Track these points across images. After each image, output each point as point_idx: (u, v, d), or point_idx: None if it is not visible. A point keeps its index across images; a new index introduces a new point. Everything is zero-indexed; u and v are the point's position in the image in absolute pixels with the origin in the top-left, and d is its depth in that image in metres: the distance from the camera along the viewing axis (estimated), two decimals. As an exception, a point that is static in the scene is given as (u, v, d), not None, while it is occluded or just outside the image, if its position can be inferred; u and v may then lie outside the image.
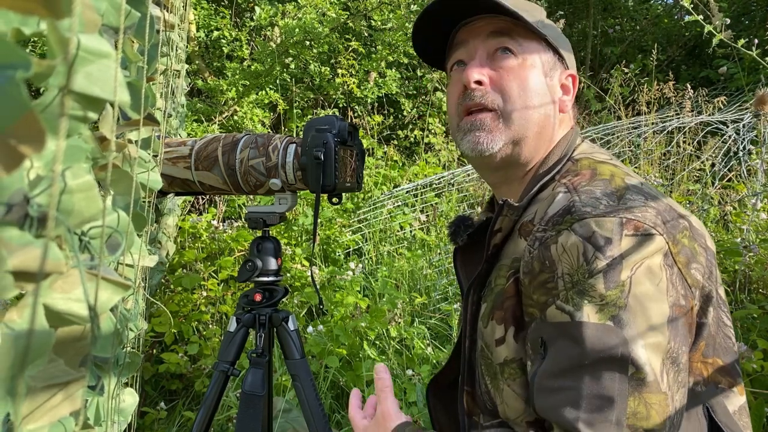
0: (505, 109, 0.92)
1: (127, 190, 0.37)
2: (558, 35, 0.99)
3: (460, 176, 3.96)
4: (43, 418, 0.27)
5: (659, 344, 0.74)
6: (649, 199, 0.81)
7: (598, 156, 0.94)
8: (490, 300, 0.93)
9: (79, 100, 0.24)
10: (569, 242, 0.78)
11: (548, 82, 0.95)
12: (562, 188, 0.86)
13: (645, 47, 6.46)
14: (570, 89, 0.99)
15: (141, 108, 0.33)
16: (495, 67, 0.94)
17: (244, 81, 5.06)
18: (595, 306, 0.75)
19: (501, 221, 0.92)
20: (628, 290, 0.74)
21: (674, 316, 0.75)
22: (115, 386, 0.47)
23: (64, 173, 0.25)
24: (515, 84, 0.92)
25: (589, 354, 0.74)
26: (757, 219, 2.54)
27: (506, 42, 0.94)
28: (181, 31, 1.32)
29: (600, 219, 0.77)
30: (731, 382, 0.85)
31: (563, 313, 0.78)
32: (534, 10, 0.97)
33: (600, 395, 0.74)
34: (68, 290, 0.28)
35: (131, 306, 0.64)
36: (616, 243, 0.75)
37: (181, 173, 1.25)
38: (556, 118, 0.97)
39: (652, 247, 0.75)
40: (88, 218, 0.27)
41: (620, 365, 0.73)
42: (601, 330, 0.74)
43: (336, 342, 2.37)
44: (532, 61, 0.94)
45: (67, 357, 0.29)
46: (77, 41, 0.23)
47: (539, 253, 0.81)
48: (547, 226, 0.82)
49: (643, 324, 0.74)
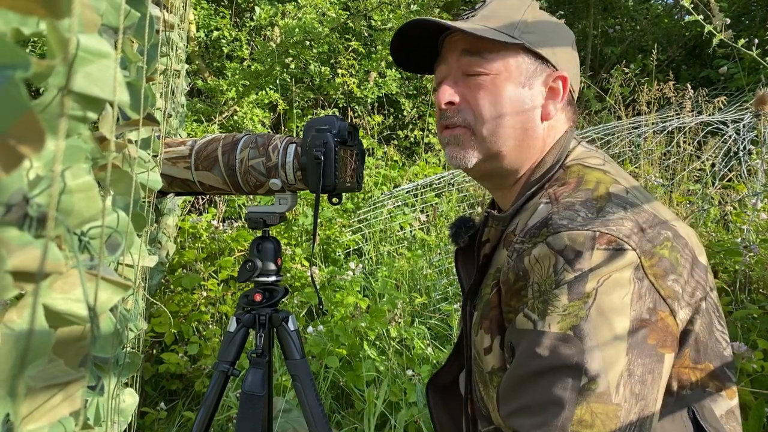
0: (476, 126, 0.93)
1: (126, 190, 0.37)
2: (545, 35, 0.94)
3: (460, 176, 3.95)
4: (42, 418, 0.27)
5: (616, 357, 0.74)
6: (630, 210, 0.81)
7: (590, 161, 0.93)
8: (479, 309, 0.94)
9: (79, 100, 0.24)
10: (542, 254, 0.79)
11: (526, 92, 0.92)
12: (545, 198, 0.87)
13: (645, 47, 6.45)
14: (559, 91, 0.95)
15: (141, 108, 0.33)
16: (469, 84, 0.94)
17: (244, 81, 5.06)
18: (557, 316, 0.76)
19: (488, 232, 0.94)
20: (592, 302, 0.75)
21: (635, 329, 0.75)
22: (115, 386, 0.47)
23: (64, 173, 0.25)
24: (486, 101, 0.92)
25: (546, 362, 0.75)
26: (758, 219, 2.54)
27: (476, 62, 0.92)
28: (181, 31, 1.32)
29: (573, 233, 0.77)
30: (719, 386, 0.85)
31: (528, 320, 0.79)
32: (512, 11, 0.94)
33: (550, 401, 0.75)
34: (68, 290, 0.28)
35: (131, 306, 0.64)
36: (587, 257, 0.76)
37: (181, 173, 1.25)
38: (541, 126, 0.94)
39: (622, 261, 0.76)
40: (88, 218, 0.27)
41: (574, 374, 0.74)
42: (560, 339, 0.75)
43: (336, 342, 2.37)
44: (506, 74, 0.91)
45: (67, 357, 0.29)
46: (77, 41, 0.23)
47: (515, 264, 0.83)
48: (525, 238, 0.83)
49: (603, 336, 0.74)
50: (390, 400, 2.15)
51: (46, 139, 0.18)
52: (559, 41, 0.96)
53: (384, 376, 2.23)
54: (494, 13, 0.94)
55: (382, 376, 2.25)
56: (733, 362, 0.89)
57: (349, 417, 2.22)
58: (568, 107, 0.98)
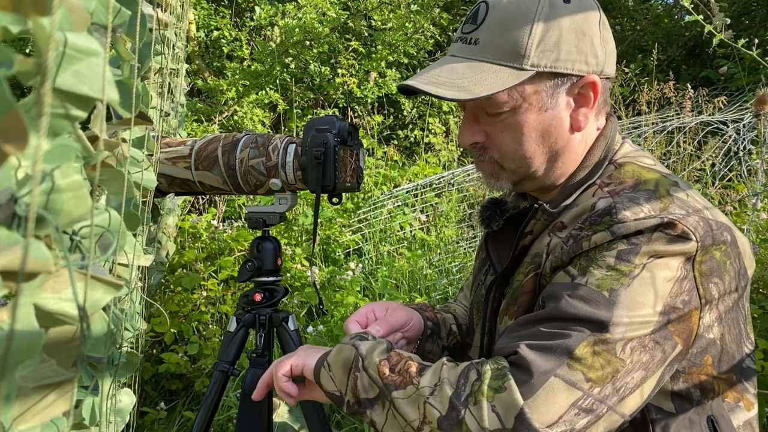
0: (503, 162, 0.92)
1: (119, 189, 0.37)
2: (563, 44, 0.85)
3: (460, 176, 3.95)
4: (34, 418, 0.27)
5: (639, 330, 0.74)
6: (692, 211, 0.80)
7: (643, 161, 0.90)
8: (509, 296, 0.93)
9: (67, 98, 0.24)
10: (604, 239, 0.78)
11: (549, 114, 0.88)
12: (602, 194, 0.85)
13: (645, 47, 6.45)
14: (589, 98, 0.88)
15: (132, 106, 0.33)
16: (490, 121, 0.90)
17: (244, 81, 5.05)
18: (599, 273, 0.76)
19: (533, 224, 0.91)
20: (638, 273, 0.75)
21: (665, 312, 0.76)
22: (110, 386, 0.47)
23: (53, 172, 0.25)
24: (509, 139, 0.89)
25: (572, 310, 0.75)
26: (758, 219, 2.53)
27: (491, 105, 0.88)
28: (180, 31, 1.32)
29: (641, 221, 0.77)
30: (738, 398, 0.85)
31: (567, 275, 0.79)
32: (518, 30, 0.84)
33: (558, 334, 0.74)
34: (59, 290, 0.27)
35: (128, 306, 0.64)
36: (647, 236, 0.76)
37: (181, 173, 1.25)
38: (572, 138, 0.90)
39: (681, 247, 0.76)
40: (77, 218, 0.26)
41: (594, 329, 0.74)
42: (594, 296, 0.75)
43: (336, 342, 2.37)
44: (526, 105, 0.87)
45: (60, 357, 0.29)
46: (65, 39, 0.23)
47: (570, 248, 0.82)
48: (584, 225, 0.82)
49: (636, 310, 0.74)
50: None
51: (29, 137, 0.18)
52: (585, 37, 0.86)
53: (384, 376, 2.23)
54: (498, 37, 0.85)
55: (382, 376, 2.25)
56: (754, 373, 0.88)
57: (349, 417, 2.21)
58: (603, 103, 0.92)
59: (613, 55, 0.92)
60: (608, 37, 0.90)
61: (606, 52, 0.89)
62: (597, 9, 0.89)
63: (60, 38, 0.23)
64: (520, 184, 0.96)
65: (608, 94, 0.94)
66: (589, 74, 0.87)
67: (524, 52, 0.83)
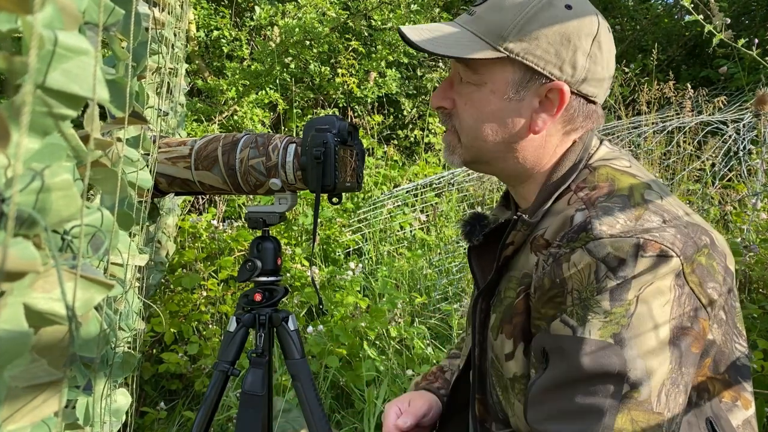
0: (460, 134, 0.93)
1: (113, 188, 0.37)
2: (546, 39, 0.85)
3: (460, 176, 3.95)
4: (24, 418, 0.27)
5: (659, 365, 0.74)
6: (667, 217, 0.80)
7: (618, 163, 0.89)
8: (500, 312, 0.92)
9: (57, 97, 0.24)
10: (583, 262, 0.77)
11: (512, 104, 0.88)
12: (578, 204, 0.84)
13: (645, 47, 6.44)
14: (553, 104, 0.87)
15: (126, 106, 0.33)
16: (459, 91, 0.92)
17: (244, 81, 5.05)
18: (598, 322, 0.75)
19: (513, 235, 0.91)
20: (634, 309, 0.74)
21: (676, 337, 0.75)
22: (105, 386, 0.47)
23: (43, 171, 0.25)
24: (470, 113, 0.91)
25: (586, 370, 0.74)
26: (757, 219, 2.53)
27: (464, 71, 0.90)
28: (179, 30, 1.32)
29: (616, 240, 0.76)
30: (735, 397, 0.85)
31: (566, 326, 0.78)
32: (507, 15, 0.86)
33: (591, 408, 0.74)
34: (49, 290, 0.27)
35: (123, 306, 0.63)
36: (631, 264, 0.75)
37: (181, 173, 1.25)
38: (532, 138, 0.90)
39: (666, 268, 0.75)
40: (67, 217, 0.26)
41: (616, 382, 0.73)
42: (601, 347, 0.74)
43: (336, 342, 2.37)
44: (491, 86, 0.88)
45: (51, 357, 0.29)
46: (55, 38, 0.23)
47: (551, 269, 0.81)
48: (562, 242, 0.81)
49: (645, 344, 0.74)
50: (390, 400, 2.15)
51: (11, 135, 0.18)
52: (569, 44, 0.85)
53: (384, 376, 2.23)
54: (490, 14, 0.87)
55: (382, 376, 2.25)
56: (749, 371, 0.88)
57: (349, 417, 2.21)
58: (570, 120, 0.90)
59: (601, 79, 0.89)
60: (600, 59, 0.88)
61: (588, 70, 0.87)
62: (597, 27, 0.88)
63: (50, 37, 0.23)
64: (473, 164, 0.98)
65: (587, 116, 0.91)
66: (560, 81, 0.85)
67: (504, 34, 0.85)
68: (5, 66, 0.20)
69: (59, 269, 0.26)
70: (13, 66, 0.21)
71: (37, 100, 0.23)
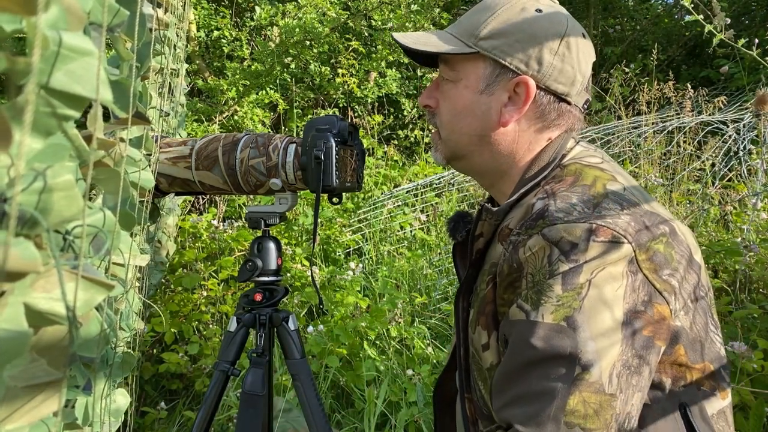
0: (441, 130, 1.00)
1: (116, 189, 0.37)
2: (514, 36, 0.90)
3: (460, 176, 3.95)
4: (23, 418, 0.27)
5: (610, 347, 0.74)
6: (626, 206, 0.82)
7: (588, 159, 0.93)
8: (476, 306, 0.94)
9: (61, 97, 0.24)
10: (537, 245, 0.79)
11: (483, 98, 0.94)
12: (541, 194, 0.87)
13: (645, 47, 6.44)
14: (520, 98, 0.91)
15: (129, 106, 0.33)
16: (441, 89, 0.99)
17: (245, 81, 5.05)
18: (551, 306, 0.76)
19: (481, 226, 0.95)
20: (585, 293, 0.75)
21: (629, 320, 0.76)
22: (104, 386, 0.47)
23: (45, 172, 0.25)
24: (447, 108, 0.98)
25: (539, 353, 0.76)
26: (758, 219, 2.53)
27: (444, 70, 0.98)
28: (180, 31, 1.32)
29: (570, 225, 0.78)
30: (713, 386, 0.86)
31: (521, 311, 0.80)
32: (481, 15, 0.93)
33: (543, 391, 0.75)
34: (50, 290, 0.27)
35: (123, 306, 0.63)
36: (582, 248, 0.76)
37: (181, 173, 1.25)
38: (502, 131, 0.94)
39: (617, 254, 0.76)
40: (69, 217, 0.26)
41: (568, 364, 0.74)
42: (553, 330, 0.76)
43: (336, 342, 2.37)
44: (465, 81, 0.95)
45: (51, 357, 0.29)
46: (59, 39, 0.23)
47: (510, 256, 0.83)
48: (521, 230, 0.83)
49: (596, 327, 0.75)
50: (390, 400, 2.15)
51: (12, 136, 0.18)
52: (534, 41, 0.90)
53: (384, 376, 2.23)
54: (470, 16, 0.96)
55: (382, 375, 2.25)
56: (727, 363, 0.89)
57: (350, 416, 2.21)
58: (540, 117, 0.94)
59: (571, 78, 0.92)
60: (569, 58, 0.91)
61: (555, 67, 0.90)
62: (566, 29, 0.91)
63: (54, 38, 0.23)
64: (453, 160, 1.02)
65: (560, 115, 0.94)
66: (526, 75, 0.90)
67: (476, 32, 0.92)
68: (8, 66, 0.20)
69: (59, 269, 0.26)
70: (16, 66, 0.21)
71: (40, 100, 0.23)
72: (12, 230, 0.21)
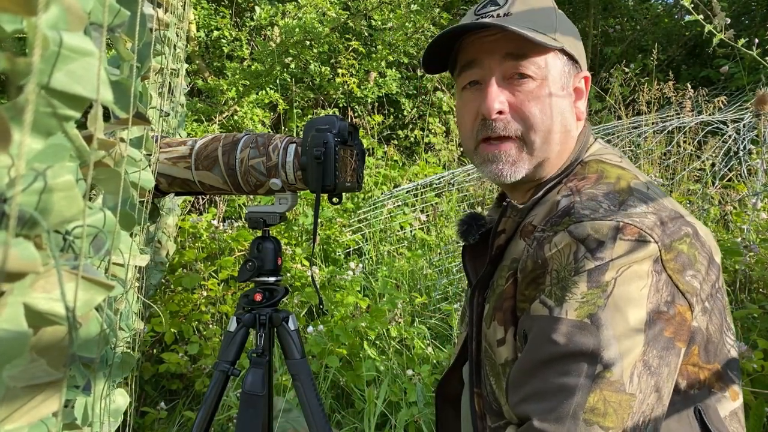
0: (528, 137, 0.89)
1: (116, 189, 0.37)
2: (568, 30, 0.93)
3: (460, 176, 3.95)
4: (22, 418, 0.27)
5: (632, 347, 0.74)
6: (652, 204, 0.81)
7: (608, 158, 0.93)
8: (492, 301, 0.93)
9: (61, 98, 0.24)
10: (563, 242, 0.79)
11: (565, 95, 0.92)
12: (565, 191, 0.87)
13: (645, 47, 6.44)
14: (583, 92, 0.96)
15: (130, 106, 0.33)
16: (513, 91, 0.89)
17: (244, 81, 5.05)
18: (575, 303, 0.76)
19: (504, 222, 0.94)
20: (610, 291, 0.75)
21: (652, 320, 0.75)
22: (104, 386, 0.47)
23: (45, 172, 0.25)
24: (536, 109, 0.88)
25: (561, 349, 0.75)
26: (758, 219, 2.53)
27: (523, 66, 0.88)
28: (180, 31, 1.32)
29: (597, 222, 0.77)
30: (724, 387, 0.86)
31: (544, 306, 0.79)
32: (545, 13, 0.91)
33: (563, 387, 0.74)
34: (50, 290, 0.27)
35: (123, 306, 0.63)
36: (609, 246, 0.76)
37: (181, 173, 1.25)
38: (576, 126, 0.94)
39: (643, 252, 0.76)
40: (69, 218, 0.26)
41: (589, 361, 0.74)
42: (577, 327, 0.75)
43: (336, 342, 2.37)
44: (551, 79, 0.89)
45: (50, 357, 0.29)
46: (59, 39, 0.23)
47: (534, 251, 0.83)
48: (546, 227, 0.83)
49: (619, 326, 0.74)
50: (390, 400, 2.15)
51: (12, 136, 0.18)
52: (578, 39, 0.95)
53: (384, 376, 2.23)
54: (531, 12, 0.89)
55: (382, 375, 2.25)
56: (738, 364, 0.89)
57: (349, 417, 2.21)
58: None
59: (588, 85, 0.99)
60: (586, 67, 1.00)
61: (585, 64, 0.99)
62: None
63: (55, 38, 0.23)
64: (535, 170, 0.92)
65: None
66: (586, 70, 0.96)
67: (554, 27, 0.89)
68: (9, 67, 0.20)
69: (59, 270, 0.26)
70: (17, 67, 0.21)
71: (41, 100, 0.23)
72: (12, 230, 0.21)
